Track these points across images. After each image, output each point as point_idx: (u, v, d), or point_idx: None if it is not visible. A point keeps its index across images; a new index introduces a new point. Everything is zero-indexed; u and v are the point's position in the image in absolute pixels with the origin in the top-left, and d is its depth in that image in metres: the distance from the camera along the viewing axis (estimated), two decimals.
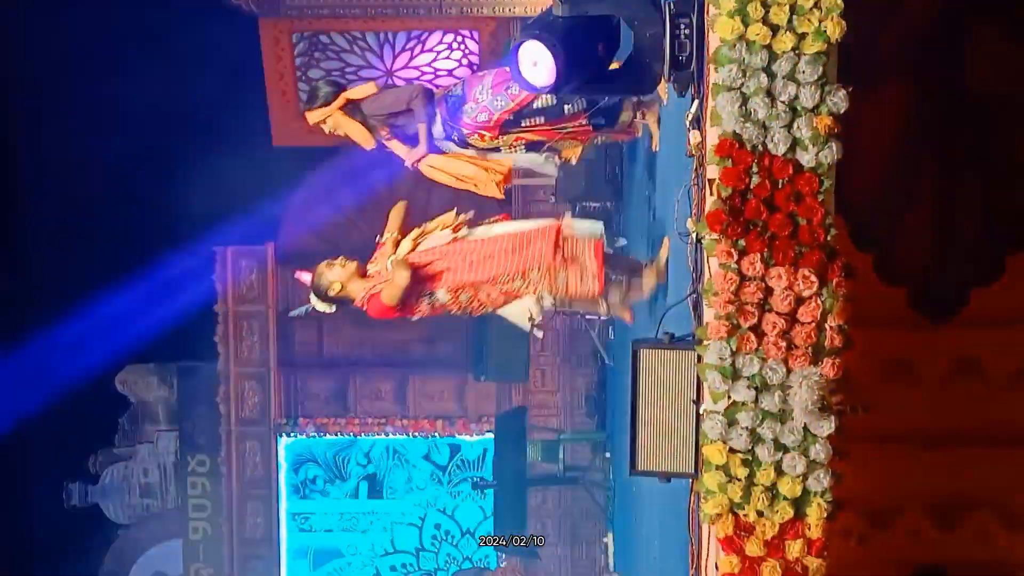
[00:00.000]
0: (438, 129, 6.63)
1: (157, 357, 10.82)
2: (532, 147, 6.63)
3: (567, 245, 6.12)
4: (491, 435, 10.45)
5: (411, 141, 6.67)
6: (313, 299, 6.35)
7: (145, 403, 10.90)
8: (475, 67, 10.34)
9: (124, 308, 10.26)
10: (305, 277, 6.38)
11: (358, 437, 10.84)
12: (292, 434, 10.80)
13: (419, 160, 6.68)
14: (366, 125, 6.67)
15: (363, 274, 6.19)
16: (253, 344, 10.78)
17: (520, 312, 6.52)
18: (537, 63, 4.96)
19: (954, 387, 4.71)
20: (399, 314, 6.23)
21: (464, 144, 6.64)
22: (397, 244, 6.20)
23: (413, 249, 6.16)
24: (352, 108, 6.66)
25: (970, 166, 4.65)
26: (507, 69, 6.21)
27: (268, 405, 10.76)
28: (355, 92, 6.74)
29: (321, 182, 10.71)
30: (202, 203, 10.11)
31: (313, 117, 6.71)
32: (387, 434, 10.77)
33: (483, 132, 6.51)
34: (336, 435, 10.81)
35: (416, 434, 10.75)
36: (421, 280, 6.09)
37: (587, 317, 9.97)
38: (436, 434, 10.76)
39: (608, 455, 9.75)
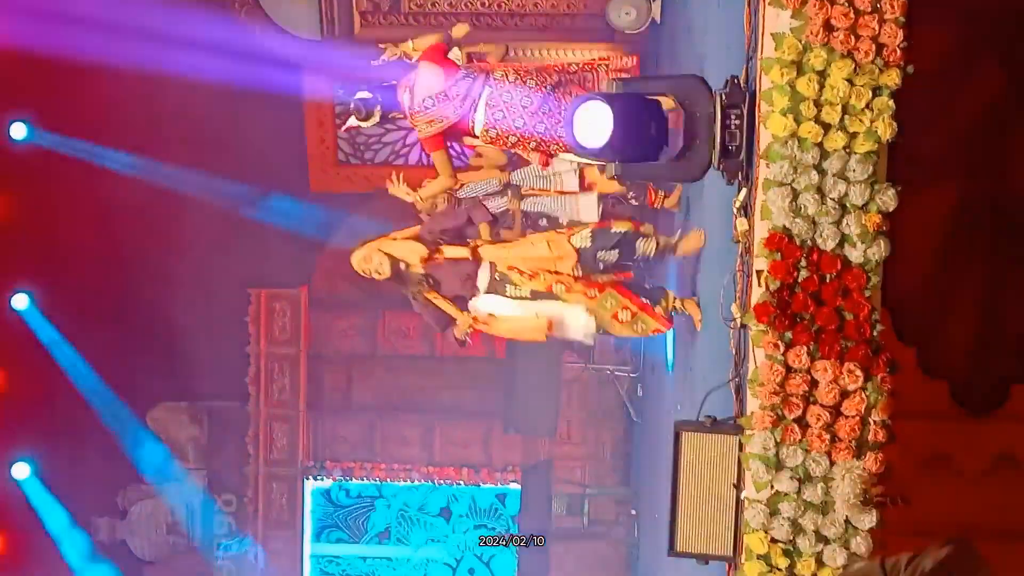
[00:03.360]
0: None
1: (189, 396, 10.85)
2: None
3: None
4: (515, 485, 10.46)
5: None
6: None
7: (175, 441, 10.92)
8: None
9: (158, 346, 10.32)
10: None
11: (383, 482, 10.84)
12: (319, 477, 10.82)
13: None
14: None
15: None
16: (283, 386, 10.83)
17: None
18: (592, 124, 4.98)
19: (994, 481, 4.73)
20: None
21: None
22: None
23: None
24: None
25: (1014, 264, 4.68)
26: None
27: (296, 447, 10.80)
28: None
29: (356, 228, 10.76)
30: (239, 244, 10.24)
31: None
32: (412, 480, 10.77)
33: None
34: (362, 479, 10.81)
35: (441, 481, 10.75)
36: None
37: (616, 372, 10.04)
38: (461, 482, 10.76)
39: (634, 512, 9.75)
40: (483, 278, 6.68)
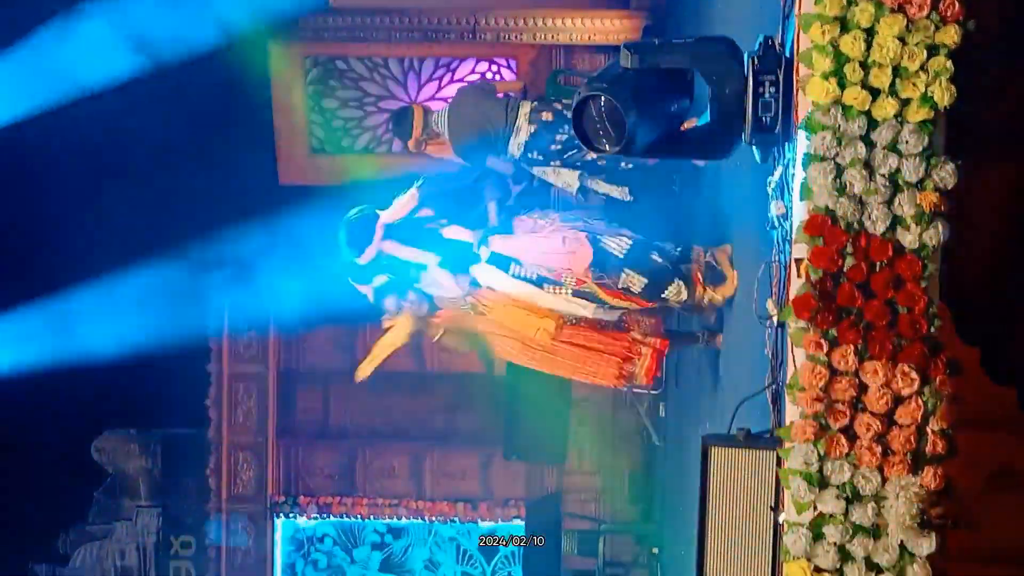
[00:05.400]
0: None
1: (139, 422, 10.89)
2: None
3: None
4: (519, 521, 10.50)
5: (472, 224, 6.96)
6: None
7: (124, 474, 10.96)
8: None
9: (103, 364, 10.33)
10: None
11: (366, 520, 10.88)
12: (291, 514, 10.85)
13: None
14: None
15: None
16: (249, 410, 10.87)
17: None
18: (604, 119, 5.06)
19: None
20: None
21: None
22: None
23: None
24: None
25: None
26: None
27: (264, 480, 10.83)
28: (390, 214, 6.92)
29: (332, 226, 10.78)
30: (198, 247, 10.26)
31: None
32: (399, 517, 10.80)
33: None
34: (341, 516, 10.85)
35: (433, 518, 10.78)
36: None
37: (635, 390, 10.05)
38: (456, 519, 10.80)
39: (655, 550, 9.78)
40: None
